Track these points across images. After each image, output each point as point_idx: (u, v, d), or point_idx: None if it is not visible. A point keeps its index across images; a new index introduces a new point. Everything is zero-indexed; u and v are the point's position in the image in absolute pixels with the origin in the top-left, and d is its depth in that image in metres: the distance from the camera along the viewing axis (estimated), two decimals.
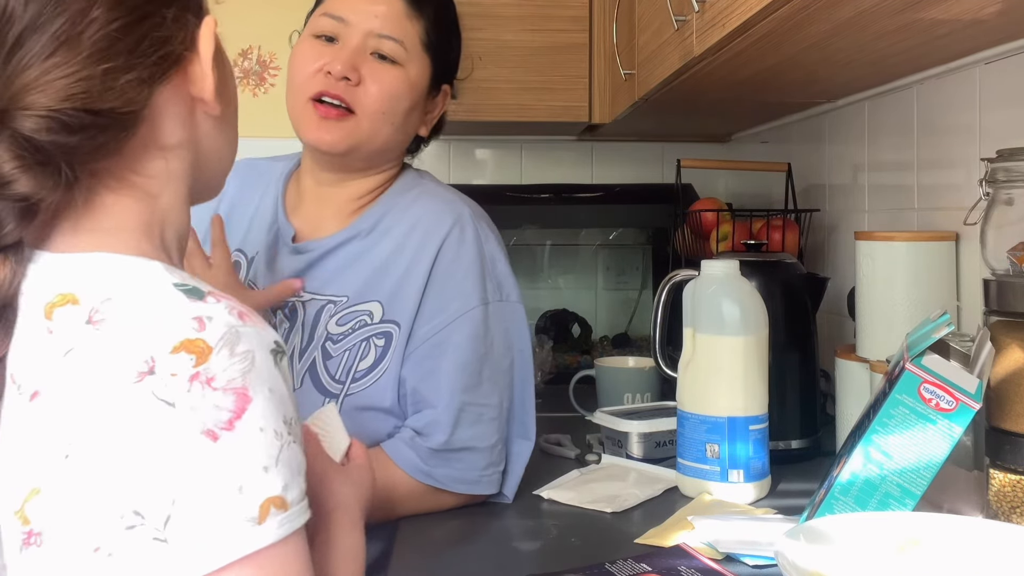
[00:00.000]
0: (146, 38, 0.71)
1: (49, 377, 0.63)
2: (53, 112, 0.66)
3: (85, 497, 0.61)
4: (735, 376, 1.28)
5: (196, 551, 0.60)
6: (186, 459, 0.61)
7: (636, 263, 2.55)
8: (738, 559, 1.06)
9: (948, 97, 1.47)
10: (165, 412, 0.61)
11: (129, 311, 0.64)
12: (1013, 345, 1.02)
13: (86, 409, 0.62)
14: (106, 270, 0.67)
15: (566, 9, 2.17)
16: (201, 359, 0.62)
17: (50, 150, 0.65)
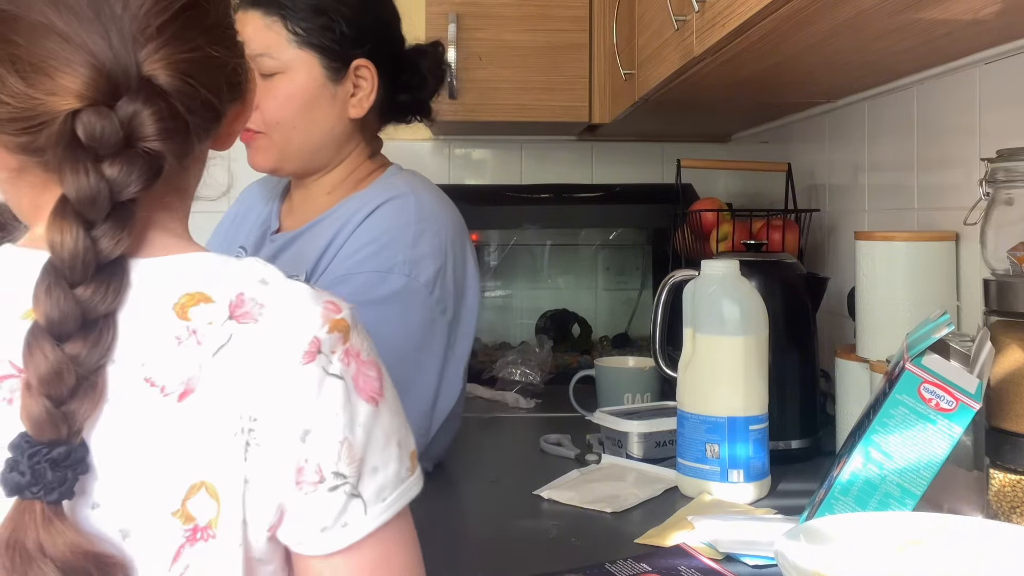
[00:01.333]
0: (241, 49, 0.77)
1: (201, 375, 0.65)
2: (182, 81, 0.69)
3: (275, 475, 0.66)
4: (735, 376, 1.28)
5: (380, 503, 0.69)
6: (365, 423, 0.68)
7: (636, 263, 2.55)
8: (738, 559, 1.06)
9: (948, 97, 1.47)
10: (338, 385, 0.68)
11: (274, 304, 0.68)
12: (1013, 345, 1.02)
13: (259, 398, 0.66)
14: (219, 267, 0.71)
15: (566, 9, 2.17)
16: (346, 337, 0.69)
17: (180, 115, 0.68)
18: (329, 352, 0.68)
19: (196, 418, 0.65)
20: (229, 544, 0.65)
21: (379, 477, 0.69)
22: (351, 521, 0.68)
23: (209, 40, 0.72)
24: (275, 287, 0.69)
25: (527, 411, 1.92)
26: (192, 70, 0.69)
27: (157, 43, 0.68)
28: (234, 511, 0.65)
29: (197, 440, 0.65)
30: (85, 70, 0.66)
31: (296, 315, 0.68)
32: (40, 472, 0.61)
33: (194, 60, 0.70)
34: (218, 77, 0.72)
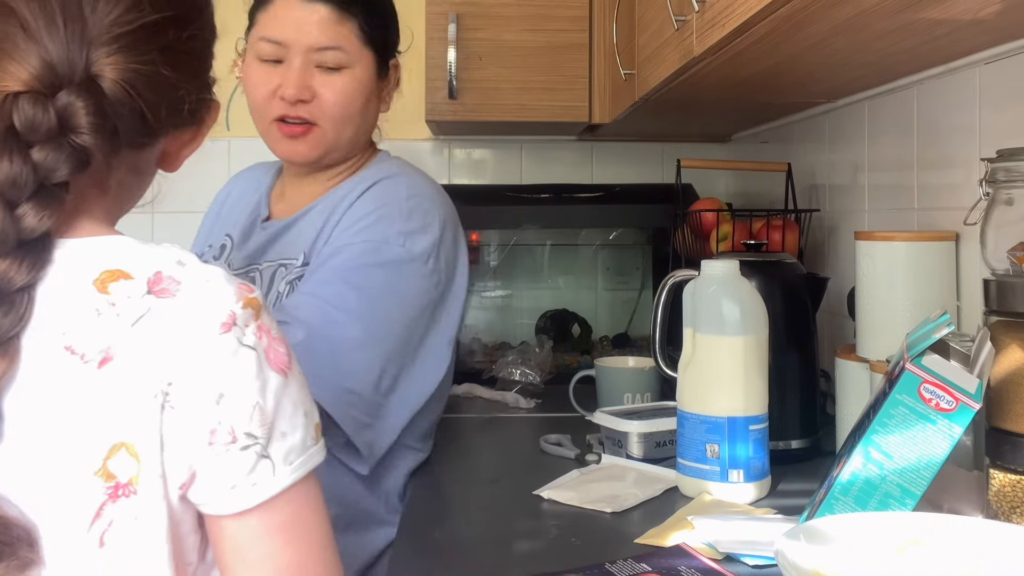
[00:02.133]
0: (205, 85, 0.84)
1: (119, 343, 0.70)
2: (125, 88, 0.74)
3: (189, 434, 0.71)
4: (735, 376, 1.28)
5: (287, 465, 0.74)
6: (275, 391, 0.74)
7: (636, 263, 2.55)
8: (738, 559, 1.06)
9: (948, 97, 1.47)
10: (251, 355, 0.73)
11: (191, 282, 0.73)
12: (1013, 345, 1.02)
13: (176, 364, 0.71)
14: (138, 250, 0.75)
15: (566, 9, 2.17)
16: (257, 314, 0.75)
17: (110, 116, 0.74)
18: (243, 325, 0.73)
19: (115, 383, 0.70)
20: (151, 499, 0.71)
21: (287, 442, 0.74)
22: (260, 480, 0.73)
23: (164, 60, 0.77)
24: (191, 268, 0.75)
25: (527, 411, 1.92)
26: (136, 81, 0.75)
27: (110, 48, 0.74)
28: (153, 468, 0.70)
29: (116, 404, 0.70)
30: (35, 61, 0.71)
31: (213, 291, 0.74)
32: None
33: (140, 73, 0.75)
34: (161, 95, 0.77)
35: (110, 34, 0.74)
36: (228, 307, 0.73)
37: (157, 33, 0.77)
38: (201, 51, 0.84)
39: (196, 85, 0.82)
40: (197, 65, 0.83)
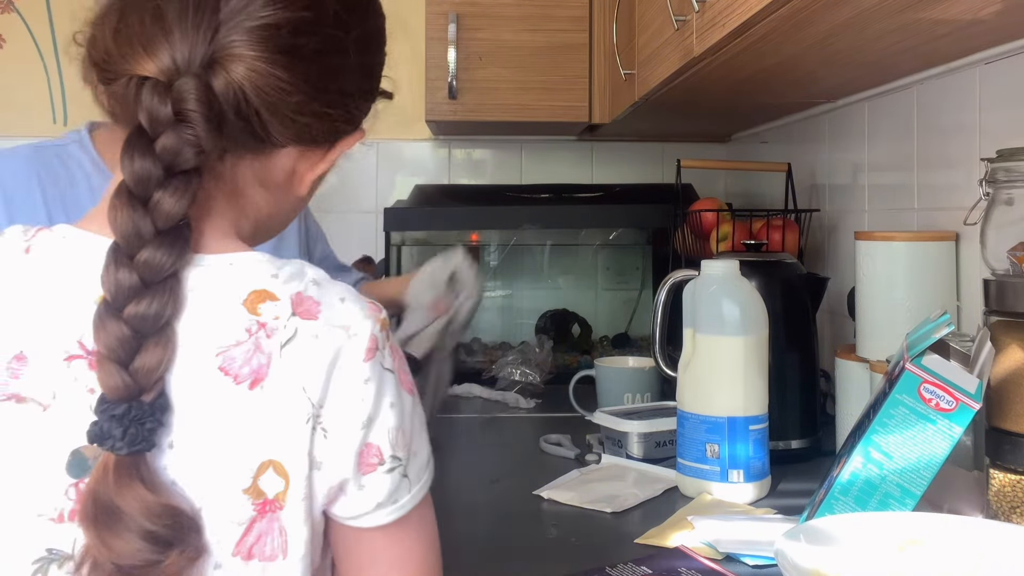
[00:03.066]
0: (342, 115, 0.81)
1: (270, 365, 0.71)
2: (241, 93, 0.73)
3: (340, 456, 0.72)
4: (735, 376, 1.28)
5: (419, 482, 0.77)
6: (409, 412, 0.76)
7: (636, 263, 2.55)
8: (738, 559, 1.06)
9: (948, 97, 1.47)
10: (391, 378, 0.75)
11: (329, 302, 0.74)
12: (1013, 345, 1.02)
13: (328, 385, 0.72)
14: (276, 268, 0.75)
15: (566, 9, 2.17)
16: (388, 335, 0.76)
17: (216, 110, 0.72)
18: (383, 348, 0.75)
19: (266, 405, 0.70)
20: (297, 517, 0.71)
21: (419, 459, 0.77)
22: (401, 498, 0.76)
23: (286, 64, 0.74)
24: (326, 287, 0.75)
25: (527, 411, 1.92)
26: (248, 79, 0.73)
27: (233, 40, 0.73)
28: (300, 488, 0.71)
29: (267, 425, 0.70)
30: (163, 51, 0.72)
31: (353, 314, 0.74)
32: (109, 426, 0.67)
33: (255, 71, 0.73)
34: (275, 101, 0.75)
35: (237, 26, 0.73)
36: (370, 330, 0.74)
37: (286, 34, 0.74)
38: (339, 66, 0.79)
39: (326, 101, 0.78)
40: (329, 80, 0.78)
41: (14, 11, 2.52)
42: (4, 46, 2.52)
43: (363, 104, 0.84)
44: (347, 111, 0.81)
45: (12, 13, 2.52)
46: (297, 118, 0.77)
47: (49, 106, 2.53)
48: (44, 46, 2.52)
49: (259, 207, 0.82)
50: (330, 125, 0.80)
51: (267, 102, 0.74)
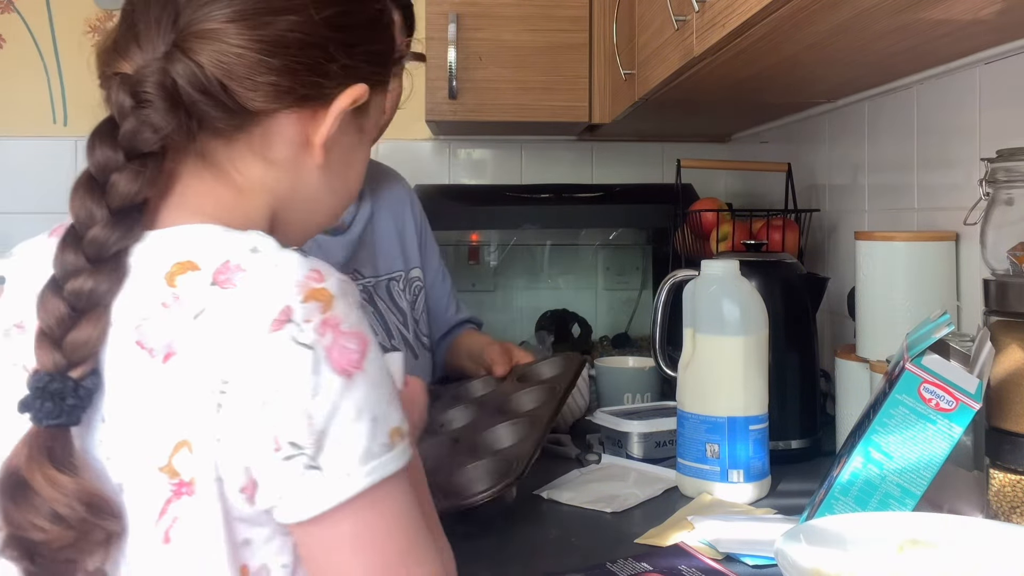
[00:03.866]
0: (312, 66, 0.78)
1: (182, 338, 0.69)
2: (199, 69, 0.75)
3: (240, 438, 0.68)
4: (735, 376, 1.28)
5: (345, 476, 0.68)
6: (330, 395, 0.68)
7: (636, 263, 2.55)
8: (738, 559, 1.06)
9: (948, 97, 1.47)
10: (305, 355, 0.68)
11: (255, 270, 0.71)
12: (1013, 345, 1.02)
13: (230, 362, 0.68)
14: (216, 238, 0.73)
15: (566, 9, 2.17)
16: (328, 307, 0.69)
17: (181, 98, 0.74)
18: (302, 321, 0.68)
19: (178, 379, 0.69)
20: (208, 499, 0.69)
21: (345, 450, 0.68)
22: (311, 492, 0.68)
23: (245, 39, 0.76)
24: (264, 255, 0.72)
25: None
26: (212, 61, 0.75)
27: (191, 24, 0.75)
28: (209, 468, 0.69)
29: (180, 400, 0.69)
30: (134, 50, 0.76)
31: (272, 283, 0.70)
32: (33, 398, 0.68)
33: (214, 51, 0.75)
34: (236, 72, 0.75)
35: (192, 9, 0.76)
36: (283, 301, 0.68)
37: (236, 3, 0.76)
38: (294, 23, 0.78)
39: (288, 57, 0.77)
40: (284, 37, 0.77)
41: (14, 11, 2.52)
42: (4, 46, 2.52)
43: (351, 57, 0.81)
44: (319, 64, 0.79)
45: (12, 13, 2.52)
46: (258, 79, 0.76)
47: (49, 106, 2.53)
48: (44, 46, 2.52)
49: (270, 186, 0.81)
50: (307, 80, 0.78)
51: (225, 70, 0.75)
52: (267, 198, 0.81)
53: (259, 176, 0.80)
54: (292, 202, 0.83)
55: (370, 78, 0.83)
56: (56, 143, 2.51)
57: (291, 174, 0.82)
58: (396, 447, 0.71)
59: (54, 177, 2.49)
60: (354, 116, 0.84)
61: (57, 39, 2.52)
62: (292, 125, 0.80)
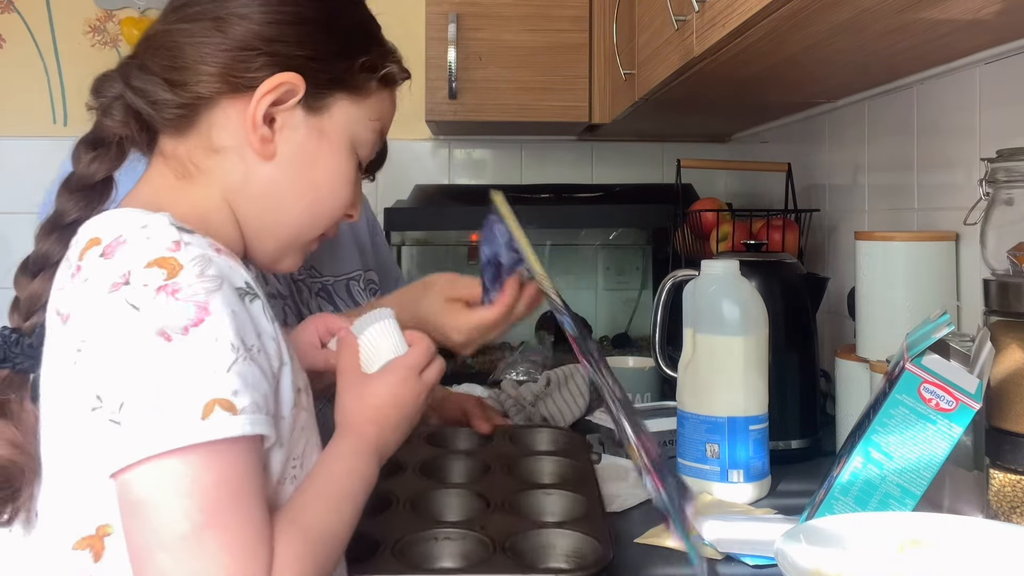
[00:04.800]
0: (252, 55, 0.85)
1: (73, 303, 0.75)
2: (137, 61, 0.87)
3: (79, 390, 0.73)
4: (735, 376, 1.28)
5: (143, 435, 0.69)
6: (142, 354, 0.70)
7: (636, 263, 2.55)
8: (738, 559, 1.06)
9: (948, 97, 1.47)
10: (131, 314, 0.71)
11: (131, 242, 0.75)
12: (1013, 345, 1.02)
13: (84, 321, 0.74)
14: (127, 218, 0.78)
15: (566, 9, 2.17)
16: (171, 274, 0.72)
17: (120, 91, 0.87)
18: (140, 285, 0.72)
19: (67, 340, 0.75)
20: (67, 430, 0.76)
21: (148, 412, 0.69)
22: (110, 448, 0.70)
23: (180, 19, 0.87)
24: (149, 230, 0.75)
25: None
26: (146, 52, 0.87)
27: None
28: (58, 409, 0.77)
29: (66, 358, 0.75)
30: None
31: (129, 250, 0.74)
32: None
33: (148, 48, 0.87)
34: (185, 57, 0.85)
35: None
36: (128, 266, 0.73)
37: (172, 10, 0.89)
38: (196, 13, 0.87)
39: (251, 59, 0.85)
40: (190, 30, 0.86)
41: (14, 11, 2.52)
42: (4, 46, 2.52)
43: (287, 48, 0.86)
44: (249, 51, 0.85)
45: (12, 13, 2.52)
46: (197, 66, 0.84)
47: (49, 106, 2.53)
48: (44, 46, 2.52)
49: (218, 175, 0.86)
50: (237, 66, 0.85)
51: (165, 65, 0.85)
52: (217, 188, 0.86)
53: (208, 165, 0.86)
54: (246, 196, 0.87)
55: (310, 73, 0.87)
56: (56, 143, 2.50)
57: (239, 164, 0.86)
58: (210, 419, 0.70)
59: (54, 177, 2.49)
60: (309, 114, 0.88)
61: (57, 39, 2.52)
62: (231, 112, 0.85)
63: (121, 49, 2.50)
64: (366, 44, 0.92)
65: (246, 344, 0.74)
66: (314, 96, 0.88)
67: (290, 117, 0.87)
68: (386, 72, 0.93)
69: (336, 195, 0.92)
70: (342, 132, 0.90)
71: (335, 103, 0.89)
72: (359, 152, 0.93)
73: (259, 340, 0.76)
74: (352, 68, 0.90)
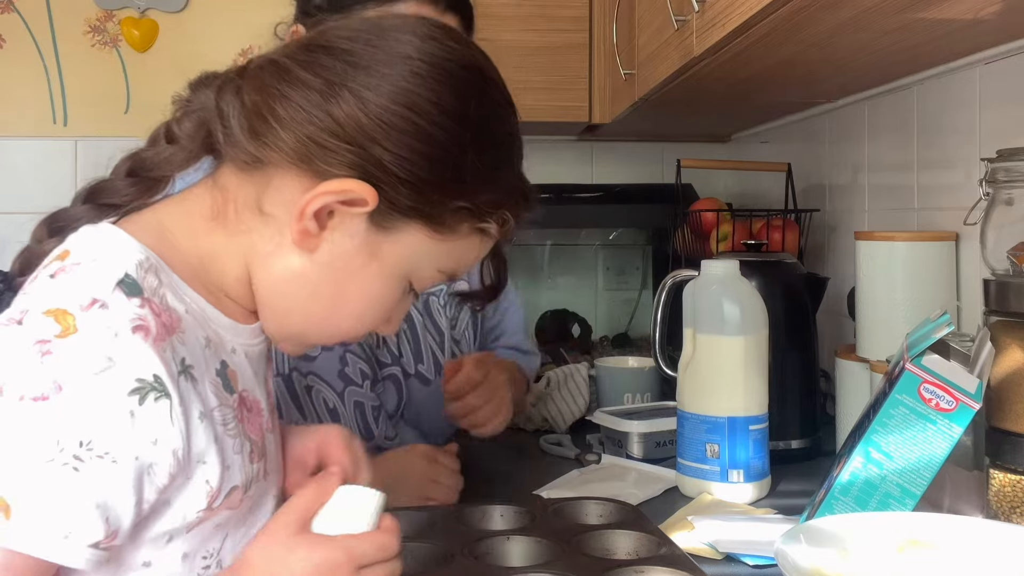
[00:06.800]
0: (340, 146, 0.74)
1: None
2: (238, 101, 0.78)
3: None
4: (735, 376, 1.28)
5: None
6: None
7: (636, 263, 2.54)
8: (738, 559, 1.06)
9: (948, 97, 1.47)
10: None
11: (69, 274, 0.70)
12: (1013, 345, 1.02)
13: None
14: (107, 242, 0.73)
15: (566, 9, 2.17)
16: (61, 333, 0.66)
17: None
18: (26, 330, 0.67)
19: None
20: None
21: None
22: None
23: (302, 64, 0.77)
24: (92, 269, 0.71)
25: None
26: (264, 79, 0.77)
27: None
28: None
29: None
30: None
31: (54, 286, 0.70)
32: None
33: (272, 70, 0.77)
34: (276, 112, 0.75)
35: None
36: (33, 304, 0.68)
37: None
38: (293, 89, 0.76)
39: (283, 113, 0.75)
40: (283, 97, 0.75)
41: (14, 11, 2.52)
42: (4, 46, 2.52)
43: (381, 159, 0.74)
44: (331, 139, 0.74)
45: (12, 13, 2.52)
46: (277, 124, 0.74)
47: (49, 106, 2.53)
48: (44, 46, 2.52)
49: (251, 237, 0.77)
50: (314, 147, 0.74)
51: (253, 98, 0.75)
52: (243, 246, 0.78)
53: (247, 221, 0.77)
54: (266, 270, 0.78)
55: (392, 192, 0.75)
56: (56, 143, 2.51)
57: (274, 237, 0.77)
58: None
59: (54, 177, 2.49)
60: (372, 227, 0.76)
61: (57, 39, 2.52)
62: (293, 185, 0.75)
63: (121, 49, 2.50)
64: (479, 189, 0.78)
65: (84, 445, 0.64)
66: (386, 215, 0.75)
67: (350, 221, 0.75)
68: (484, 226, 0.80)
69: (360, 318, 0.81)
70: (400, 262, 0.78)
71: (407, 230, 0.77)
72: (413, 284, 0.81)
73: (128, 445, 0.66)
74: (445, 206, 0.77)
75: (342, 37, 0.77)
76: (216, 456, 0.72)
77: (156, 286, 0.72)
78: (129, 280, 0.70)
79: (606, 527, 1.06)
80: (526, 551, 1.01)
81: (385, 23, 0.80)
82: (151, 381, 0.67)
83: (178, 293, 0.74)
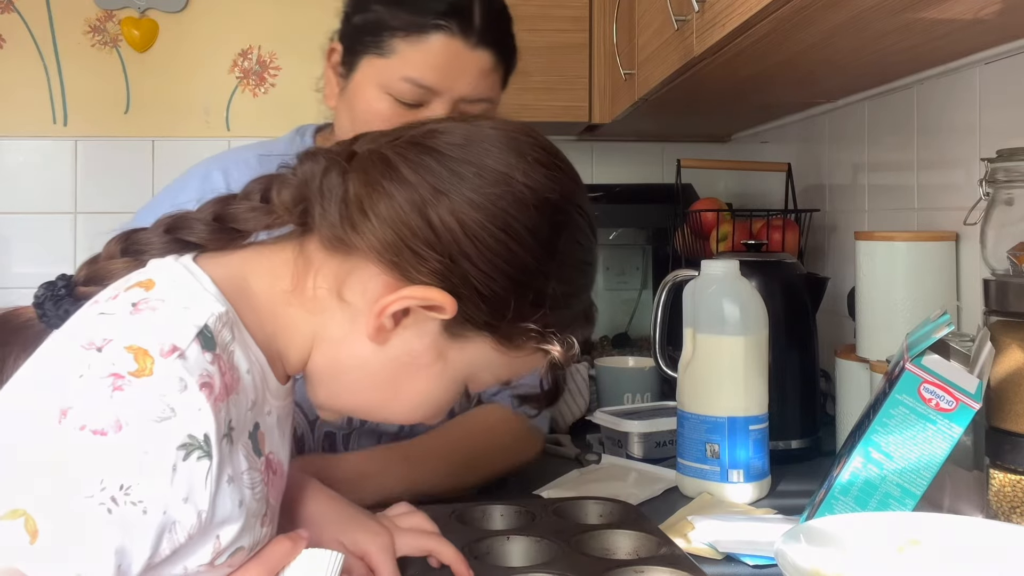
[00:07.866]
0: (430, 255, 0.75)
1: (69, 320, 0.74)
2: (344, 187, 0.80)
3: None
4: (735, 376, 1.28)
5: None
6: (37, 420, 0.65)
7: (636, 263, 2.54)
8: (738, 559, 1.06)
9: (948, 97, 1.47)
10: (70, 382, 0.66)
11: (158, 312, 0.70)
12: (1013, 345, 1.02)
13: (49, 344, 0.72)
14: (191, 289, 0.74)
15: (566, 9, 2.17)
16: (137, 372, 0.66)
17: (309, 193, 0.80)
18: (104, 359, 0.68)
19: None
20: None
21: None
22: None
23: (409, 163, 0.79)
24: (183, 318, 0.71)
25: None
26: (369, 169, 0.79)
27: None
28: None
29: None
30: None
31: (139, 320, 0.70)
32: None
33: (379, 160, 0.79)
34: (375, 205, 0.77)
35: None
36: (117, 334, 0.69)
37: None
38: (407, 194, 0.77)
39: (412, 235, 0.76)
40: (387, 194, 0.78)
41: (14, 11, 2.52)
42: (4, 46, 2.52)
43: (465, 272, 0.76)
44: (426, 250, 0.75)
45: (12, 13, 2.52)
46: (375, 221, 0.75)
47: (49, 106, 2.53)
48: (44, 46, 2.52)
49: (323, 319, 0.78)
50: (409, 254, 0.75)
51: (356, 187, 0.77)
52: (314, 326, 0.79)
53: (324, 302, 0.78)
54: (330, 352, 0.80)
55: (470, 307, 0.77)
56: (56, 143, 2.51)
57: (345, 325, 0.78)
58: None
59: (54, 177, 2.49)
60: (443, 332, 0.78)
61: (57, 39, 2.52)
62: (377, 280, 0.77)
63: (121, 49, 2.50)
64: (553, 314, 0.80)
65: (123, 488, 0.65)
66: (460, 324, 0.78)
67: (424, 323, 0.78)
68: (548, 348, 0.81)
69: (413, 411, 0.84)
70: (463, 367, 0.81)
71: (476, 340, 0.79)
72: (469, 386, 0.84)
73: (161, 498, 0.66)
74: (517, 326, 0.79)
75: (452, 144, 0.79)
76: (236, 521, 0.72)
77: (228, 341, 0.73)
78: (207, 333, 0.70)
79: (606, 527, 1.07)
80: (526, 551, 1.02)
81: (496, 135, 0.82)
82: (200, 440, 0.67)
83: (246, 350, 0.75)
